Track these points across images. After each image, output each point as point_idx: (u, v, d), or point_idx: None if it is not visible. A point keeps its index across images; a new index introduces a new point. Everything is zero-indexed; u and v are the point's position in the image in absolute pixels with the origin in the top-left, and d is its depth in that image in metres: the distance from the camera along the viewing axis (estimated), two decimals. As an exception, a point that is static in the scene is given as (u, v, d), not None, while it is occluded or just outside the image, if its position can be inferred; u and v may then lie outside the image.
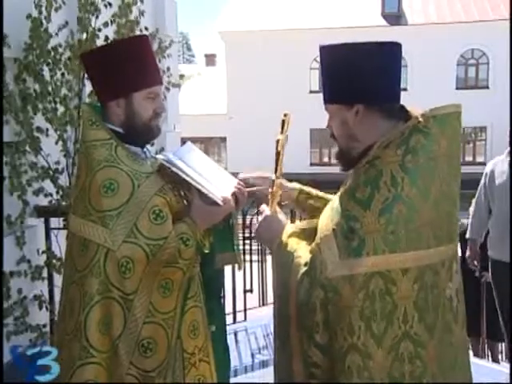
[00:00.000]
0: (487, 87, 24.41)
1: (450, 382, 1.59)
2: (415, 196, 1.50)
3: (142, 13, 4.01)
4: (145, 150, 2.02)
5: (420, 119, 1.56)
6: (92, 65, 1.98)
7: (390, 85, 1.64)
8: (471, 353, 5.20)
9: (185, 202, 1.95)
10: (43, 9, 3.42)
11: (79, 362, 1.77)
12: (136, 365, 1.79)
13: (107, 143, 1.86)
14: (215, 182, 1.93)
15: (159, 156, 1.96)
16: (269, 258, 4.89)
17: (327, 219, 1.59)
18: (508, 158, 4.03)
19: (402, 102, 1.69)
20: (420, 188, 1.50)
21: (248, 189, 2.02)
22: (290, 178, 2.18)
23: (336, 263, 1.51)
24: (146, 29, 3.94)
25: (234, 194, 1.93)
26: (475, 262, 4.49)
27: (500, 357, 5.25)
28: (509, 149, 4.10)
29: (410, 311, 1.51)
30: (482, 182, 4.23)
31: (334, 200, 1.62)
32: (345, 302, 1.49)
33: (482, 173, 4.28)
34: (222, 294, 2.38)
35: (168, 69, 4.30)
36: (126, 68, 1.89)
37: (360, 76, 1.61)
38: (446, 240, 1.58)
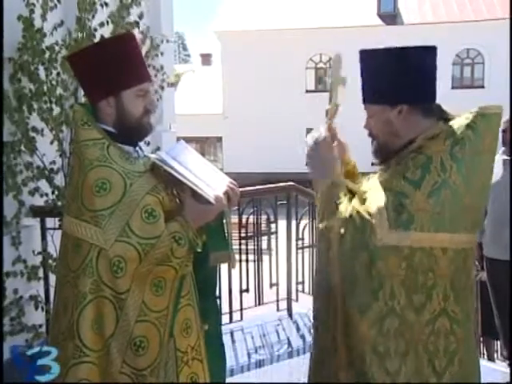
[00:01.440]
0: (482, 87, 24.47)
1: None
2: (460, 184, 1.66)
3: (140, 15, 4.00)
4: (137, 149, 2.02)
5: (468, 115, 1.73)
6: (79, 66, 1.98)
7: (428, 85, 1.79)
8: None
9: (177, 200, 1.96)
10: (36, 8, 3.41)
11: (73, 361, 1.78)
12: (129, 363, 1.79)
13: (99, 143, 1.86)
14: (208, 180, 1.93)
15: (152, 155, 1.97)
16: (265, 258, 4.90)
17: (377, 195, 1.72)
18: (502, 158, 4.04)
19: None
20: (464, 177, 1.67)
21: (241, 188, 2.04)
22: (286, 177, 2.20)
23: (385, 233, 1.65)
24: (138, 27, 3.92)
25: (226, 193, 1.93)
26: (476, 262, 4.49)
27: (495, 355, 5.26)
28: (503, 149, 4.10)
29: (448, 289, 1.67)
30: None
31: (382, 181, 1.76)
32: (389, 271, 1.64)
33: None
34: (216, 293, 2.37)
35: (162, 67, 4.30)
36: (113, 66, 1.89)
37: (403, 78, 1.76)
38: (477, 229, 1.79)
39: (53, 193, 3.55)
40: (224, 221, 2.08)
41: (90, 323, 1.77)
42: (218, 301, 2.32)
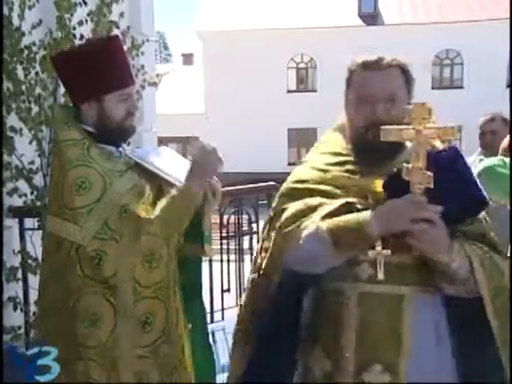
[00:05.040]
0: (462, 87, 24.72)
1: None
2: None
3: (121, 14, 3.97)
4: (120, 149, 2.02)
5: None
6: (63, 66, 1.99)
7: None
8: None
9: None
10: (15, 7, 3.38)
11: (80, 362, 1.81)
12: (140, 344, 1.83)
13: (79, 143, 1.89)
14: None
15: (130, 153, 1.99)
16: (246, 258, 4.89)
17: None
18: (479, 158, 4.07)
19: None
20: None
21: (222, 188, 2.06)
22: (268, 177, 2.20)
23: None
24: (118, 27, 3.89)
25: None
26: None
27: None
28: (480, 149, 4.14)
29: None
30: None
31: None
32: None
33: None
34: (201, 294, 2.37)
35: (143, 67, 4.27)
36: (97, 70, 1.90)
37: None
38: None
39: (32, 193, 3.51)
40: (205, 217, 2.08)
41: (83, 321, 1.81)
42: (203, 302, 2.31)
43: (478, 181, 1.70)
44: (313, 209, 1.69)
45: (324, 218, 1.65)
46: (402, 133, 1.58)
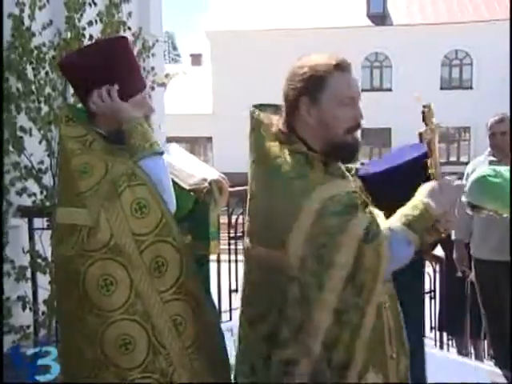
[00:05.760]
0: (471, 88, 24.61)
1: None
2: None
3: (129, 14, 3.98)
4: None
5: None
6: (74, 72, 1.96)
7: None
8: (455, 351, 5.24)
9: None
10: (26, 7, 3.39)
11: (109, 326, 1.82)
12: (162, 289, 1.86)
13: (82, 140, 1.88)
14: (195, 170, 2.02)
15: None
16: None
17: None
18: (488, 159, 4.05)
19: (387, 102, 1.77)
20: None
21: (231, 188, 2.06)
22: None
23: None
24: (129, 29, 3.90)
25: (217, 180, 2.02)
26: (464, 263, 4.48)
27: (483, 354, 5.30)
28: (488, 150, 4.13)
29: None
30: (464, 182, 4.25)
31: None
32: None
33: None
34: (209, 290, 2.36)
35: (153, 68, 4.28)
36: (112, 79, 1.88)
37: None
38: None
39: (41, 193, 3.52)
40: (210, 209, 2.09)
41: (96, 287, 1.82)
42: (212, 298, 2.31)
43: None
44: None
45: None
46: (424, 132, 1.81)
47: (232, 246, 4.62)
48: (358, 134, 1.83)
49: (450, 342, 5.43)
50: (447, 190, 1.78)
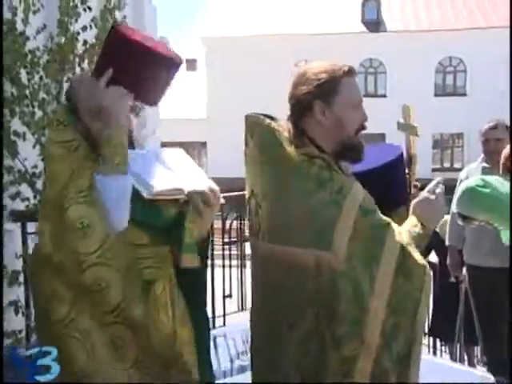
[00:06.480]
0: (465, 94, 24.74)
1: None
2: None
3: (124, 17, 3.99)
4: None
5: None
6: (111, 48, 1.88)
7: None
8: (448, 357, 5.24)
9: None
10: (19, 11, 3.39)
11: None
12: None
13: (66, 145, 1.81)
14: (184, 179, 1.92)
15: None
16: (248, 264, 4.88)
17: None
18: (481, 166, 4.07)
19: (381, 108, 1.82)
20: None
21: (225, 193, 2.03)
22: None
23: None
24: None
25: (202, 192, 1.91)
26: (458, 269, 4.48)
27: (475, 361, 5.31)
28: (482, 156, 4.14)
29: None
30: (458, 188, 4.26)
31: None
32: None
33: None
34: (204, 304, 2.31)
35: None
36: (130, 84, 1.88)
37: None
38: None
39: (34, 197, 3.51)
40: (185, 224, 1.94)
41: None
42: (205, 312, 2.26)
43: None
44: None
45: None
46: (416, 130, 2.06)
47: (226, 252, 4.62)
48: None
49: (443, 348, 5.44)
50: (438, 205, 1.95)
